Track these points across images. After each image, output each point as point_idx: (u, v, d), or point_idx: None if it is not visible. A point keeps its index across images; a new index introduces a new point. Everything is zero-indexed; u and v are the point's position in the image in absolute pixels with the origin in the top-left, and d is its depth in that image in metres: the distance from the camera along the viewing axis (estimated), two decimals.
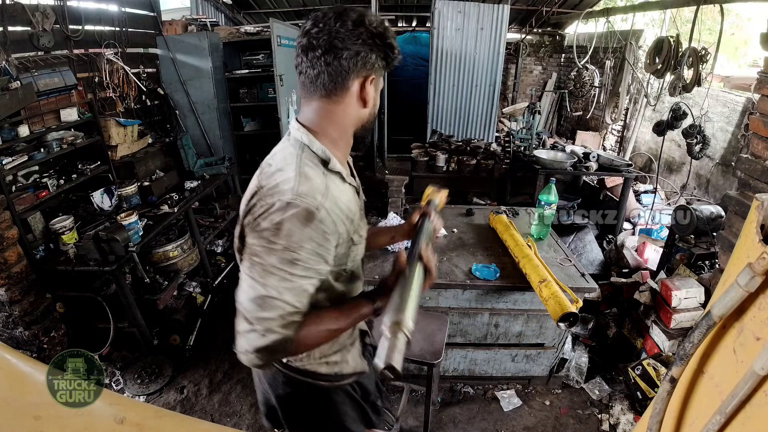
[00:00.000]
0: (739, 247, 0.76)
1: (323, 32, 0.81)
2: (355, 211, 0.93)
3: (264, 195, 0.81)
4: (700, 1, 3.36)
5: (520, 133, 4.11)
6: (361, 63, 0.84)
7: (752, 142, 1.79)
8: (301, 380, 1.02)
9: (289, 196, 0.78)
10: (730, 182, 4.01)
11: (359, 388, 1.13)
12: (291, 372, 1.02)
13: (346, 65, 0.82)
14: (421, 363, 1.66)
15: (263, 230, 0.79)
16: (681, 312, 2.11)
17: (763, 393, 0.63)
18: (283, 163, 0.85)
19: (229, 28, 4.62)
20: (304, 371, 1.01)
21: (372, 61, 0.85)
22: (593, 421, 2.16)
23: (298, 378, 1.02)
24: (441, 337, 1.74)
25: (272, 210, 0.78)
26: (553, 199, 2.24)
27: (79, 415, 0.76)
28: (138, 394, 2.28)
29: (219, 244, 3.62)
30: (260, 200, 0.82)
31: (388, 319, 0.76)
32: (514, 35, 6.92)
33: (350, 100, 0.88)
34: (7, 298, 2.05)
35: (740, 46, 6.49)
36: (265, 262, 0.79)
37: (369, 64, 0.85)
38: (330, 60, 0.82)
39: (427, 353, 1.67)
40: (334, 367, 1.03)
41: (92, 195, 2.69)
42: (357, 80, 0.85)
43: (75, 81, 2.74)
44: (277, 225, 0.78)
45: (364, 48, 0.83)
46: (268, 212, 0.79)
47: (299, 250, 0.78)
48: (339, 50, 0.81)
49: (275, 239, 0.78)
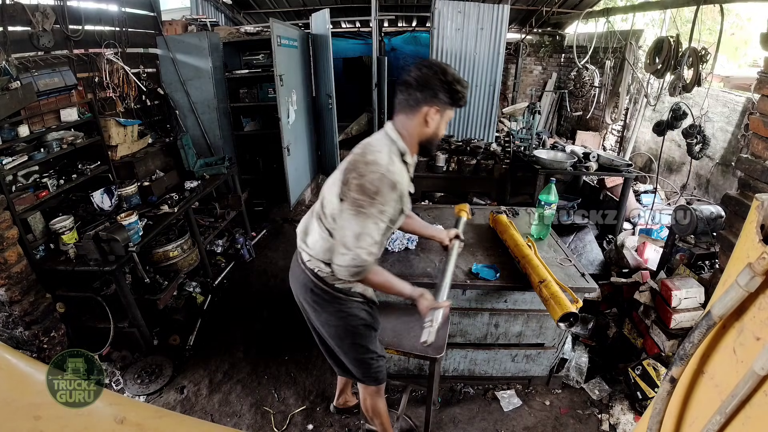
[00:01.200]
0: (739, 247, 0.76)
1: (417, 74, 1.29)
2: (408, 191, 1.40)
3: (368, 161, 1.26)
4: (700, 1, 3.36)
5: (520, 133, 4.11)
6: (431, 98, 1.29)
7: (752, 142, 1.79)
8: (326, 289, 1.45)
9: (384, 170, 1.24)
10: (730, 182, 4.01)
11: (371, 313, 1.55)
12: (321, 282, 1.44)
13: (421, 97, 1.29)
14: (424, 357, 1.67)
15: (367, 189, 1.22)
16: (681, 312, 2.11)
17: (763, 393, 0.63)
18: (380, 147, 1.32)
19: (229, 28, 4.63)
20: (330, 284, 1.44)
21: (439, 98, 1.29)
22: (593, 421, 2.16)
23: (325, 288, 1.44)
24: (443, 332, 1.74)
25: (374, 178, 1.23)
26: (553, 199, 2.24)
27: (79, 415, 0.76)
28: (138, 394, 2.28)
29: (219, 244, 3.62)
30: (365, 165, 1.25)
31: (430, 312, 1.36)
32: (514, 35, 6.92)
33: (419, 119, 1.32)
34: (7, 298, 2.05)
35: (740, 46, 6.48)
36: (367, 212, 1.23)
37: (436, 99, 1.29)
38: (413, 92, 1.30)
39: (430, 348, 1.67)
40: (347, 284, 1.45)
41: (92, 195, 2.69)
42: (425, 107, 1.30)
43: (75, 81, 2.74)
44: (376, 188, 1.23)
45: (435, 89, 1.28)
46: (370, 179, 1.23)
47: (386, 205, 1.25)
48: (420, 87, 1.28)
49: (375, 197, 1.23)
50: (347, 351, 1.55)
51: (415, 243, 2.23)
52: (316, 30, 4.84)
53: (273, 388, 2.35)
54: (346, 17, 6.68)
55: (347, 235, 1.25)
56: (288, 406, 2.23)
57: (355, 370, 1.59)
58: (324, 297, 1.46)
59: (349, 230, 1.24)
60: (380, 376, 1.63)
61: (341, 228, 1.27)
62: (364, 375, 1.60)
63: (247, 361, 2.54)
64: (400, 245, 2.19)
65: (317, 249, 1.42)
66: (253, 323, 2.88)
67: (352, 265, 1.25)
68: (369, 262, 1.27)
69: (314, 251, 1.43)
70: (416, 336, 1.66)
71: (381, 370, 1.62)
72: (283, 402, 2.26)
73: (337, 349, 1.57)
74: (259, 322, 2.89)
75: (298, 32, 4.61)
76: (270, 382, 2.38)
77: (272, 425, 2.12)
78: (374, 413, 1.76)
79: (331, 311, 1.47)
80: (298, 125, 4.53)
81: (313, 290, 1.46)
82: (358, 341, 1.52)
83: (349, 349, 1.54)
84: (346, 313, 1.48)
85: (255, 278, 3.45)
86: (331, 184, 1.37)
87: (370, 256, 1.26)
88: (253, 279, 3.44)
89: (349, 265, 1.26)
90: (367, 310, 1.54)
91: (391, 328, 1.79)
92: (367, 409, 1.76)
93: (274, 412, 2.19)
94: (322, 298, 1.46)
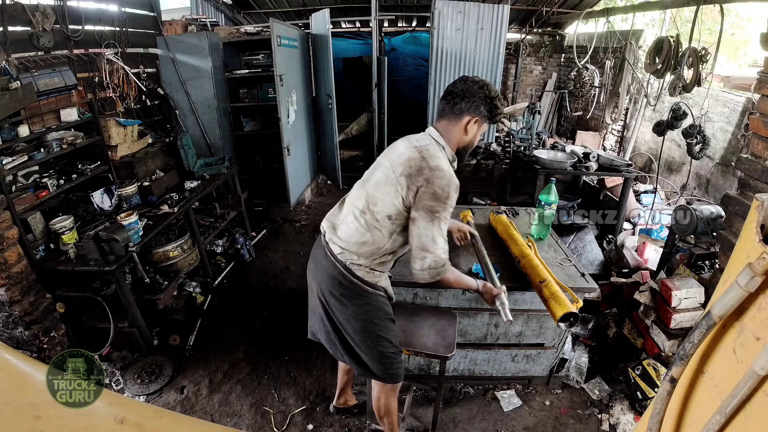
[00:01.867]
0: (739, 247, 0.76)
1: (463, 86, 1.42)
2: None
3: (432, 167, 1.35)
4: (700, 1, 3.36)
5: (520, 133, 4.11)
6: (473, 109, 1.42)
7: (752, 142, 1.79)
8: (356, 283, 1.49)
9: (449, 176, 1.37)
10: (730, 182, 4.01)
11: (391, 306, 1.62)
12: (351, 275, 1.48)
13: (464, 107, 1.42)
14: (435, 356, 1.67)
15: (439, 196, 1.34)
16: (681, 312, 2.11)
17: (763, 393, 0.63)
18: (436, 152, 1.41)
19: (229, 28, 4.63)
20: (360, 278, 1.49)
21: (480, 110, 1.43)
22: (593, 421, 2.16)
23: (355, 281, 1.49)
24: (452, 332, 1.76)
25: (443, 184, 1.34)
26: (553, 199, 2.24)
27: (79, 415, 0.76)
28: (138, 394, 2.28)
29: (219, 244, 3.62)
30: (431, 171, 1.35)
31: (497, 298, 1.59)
32: (514, 35, 6.92)
33: (460, 127, 1.45)
34: (7, 298, 2.05)
35: (740, 46, 6.48)
36: (441, 216, 1.36)
37: (477, 111, 1.43)
38: (458, 101, 1.42)
39: (440, 347, 1.68)
40: (375, 278, 1.52)
41: (92, 195, 2.69)
42: (467, 117, 1.43)
43: (75, 81, 2.74)
44: (447, 193, 1.35)
45: (477, 101, 1.41)
46: (441, 185, 1.34)
47: (453, 207, 1.40)
48: (464, 98, 1.41)
49: (447, 201, 1.35)
50: (372, 345, 1.55)
51: None
52: (316, 30, 4.84)
53: (273, 388, 2.35)
54: (346, 17, 6.68)
55: (426, 240, 1.36)
56: (288, 406, 2.23)
57: (377, 366, 1.58)
58: (354, 290, 1.49)
59: (427, 236, 1.36)
60: (400, 372, 1.64)
61: (418, 236, 1.37)
62: (386, 371, 1.59)
63: (247, 361, 2.54)
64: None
65: (352, 242, 1.46)
66: (253, 323, 2.88)
67: (434, 266, 1.38)
68: (446, 260, 1.41)
69: (348, 243, 1.47)
70: (425, 335, 1.73)
71: (401, 367, 1.64)
72: (283, 402, 2.26)
73: (363, 344, 1.56)
74: (259, 322, 2.89)
75: (298, 32, 4.61)
76: (270, 382, 2.38)
77: (272, 425, 2.12)
78: (386, 412, 1.76)
79: (359, 304, 1.51)
80: (298, 125, 4.53)
81: (342, 283, 1.49)
82: (383, 334, 1.55)
83: (375, 343, 1.55)
84: (374, 306, 1.53)
85: (255, 278, 3.45)
86: (382, 182, 1.43)
87: (446, 254, 1.40)
88: (253, 279, 3.44)
89: (431, 267, 1.38)
90: (389, 305, 1.61)
91: (401, 327, 1.79)
92: (380, 407, 1.75)
93: (274, 412, 2.19)
94: (352, 291, 1.49)
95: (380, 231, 1.44)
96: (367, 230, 1.44)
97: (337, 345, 1.63)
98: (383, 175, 1.44)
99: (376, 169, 1.50)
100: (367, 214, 1.44)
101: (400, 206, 1.39)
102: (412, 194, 1.36)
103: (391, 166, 1.43)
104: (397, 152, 1.46)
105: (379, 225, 1.43)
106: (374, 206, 1.43)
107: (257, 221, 4.38)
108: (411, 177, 1.36)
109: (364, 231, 1.45)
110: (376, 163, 1.55)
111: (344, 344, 1.62)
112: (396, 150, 1.48)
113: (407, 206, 1.39)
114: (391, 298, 1.62)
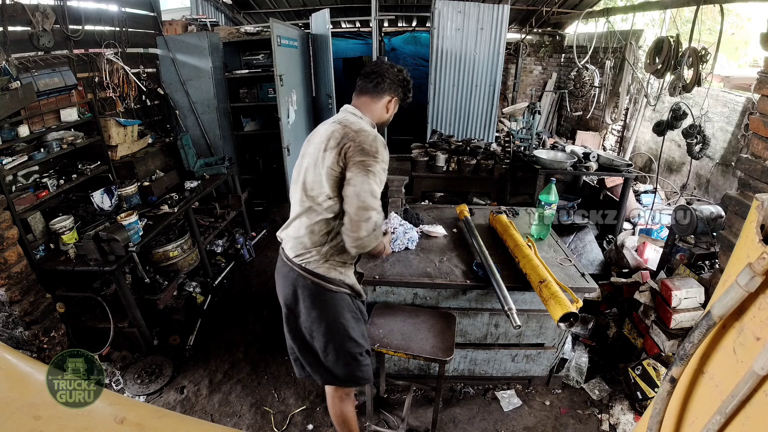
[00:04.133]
0: (739, 247, 0.76)
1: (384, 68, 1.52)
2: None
3: (357, 131, 1.39)
4: (700, 1, 3.36)
5: (520, 133, 4.11)
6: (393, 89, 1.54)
7: (752, 142, 1.79)
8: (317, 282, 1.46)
9: (374, 134, 1.41)
10: (730, 182, 4.01)
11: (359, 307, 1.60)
12: (312, 276, 1.46)
13: (386, 87, 1.52)
14: (433, 360, 1.67)
15: (369, 151, 1.35)
16: (681, 312, 2.11)
17: (763, 393, 0.63)
18: (357, 121, 1.46)
19: (229, 28, 4.63)
20: (321, 276, 1.46)
21: (398, 92, 1.55)
22: (593, 421, 2.16)
23: (316, 281, 1.46)
24: (450, 334, 1.76)
25: (369, 140, 1.37)
26: (553, 199, 2.24)
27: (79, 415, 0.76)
28: (138, 394, 2.28)
29: (219, 244, 3.62)
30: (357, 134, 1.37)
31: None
32: (514, 35, 6.92)
33: (381, 104, 1.54)
34: (7, 298, 2.05)
35: (740, 46, 6.48)
36: (374, 170, 1.35)
37: (396, 92, 1.55)
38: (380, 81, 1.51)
39: (439, 350, 1.68)
40: (340, 275, 1.49)
41: (92, 195, 2.69)
42: (387, 96, 1.54)
43: (75, 81, 2.74)
44: (376, 149, 1.37)
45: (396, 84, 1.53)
46: (368, 142, 1.36)
47: (385, 164, 1.40)
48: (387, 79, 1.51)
49: (377, 155, 1.36)
50: (339, 347, 1.50)
51: (414, 243, 2.23)
52: (316, 30, 4.84)
53: (273, 388, 2.34)
54: (346, 17, 6.68)
55: (366, 196, 1.32)
56: (288, 406, 2.23)
57: (342, 369, 1.53)
58: (315, 290, 1.46)
59: (365, 191, 1.32)
60: (367, 375, 1.58)
61: (356, 194, 1.32)
62: (350, 374, 1.54)
63: (247, 361, 2.54)
64: (400, 245, 2.19)
65: (301, 235, 1.46)
66: (253, 323, 2.88)
67: (378, 225, 1.35)
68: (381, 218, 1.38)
69: (298, 240, 1.47)
70: (424, 338, 1.72)
71: (368, 369, 1.58)
72: (283, 402, 2.26)
73: (329, 346, 1.50)
74: (259, 322, 2.89)
75: (298, 32, 4.61)
76: (270, 382, 2.38)
77: (272, 425, 2.12)
78: (344, 420, 1.70)
79: (323, 305, 1.48)
80: (298, 125, 4.53)
81: (304, 285, 1.47)
82: (350, 333, 1.51)
83: (342, 343, 1.50)
84: (338, 305, 1.49)
85: (255, 278, 3.45)
86: (312, 167, 1.42)
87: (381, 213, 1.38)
88: (253, 279, 3.44)
89: (377, 227, 1.35)
90: (357, 303, 1.58)
91: (398, 330, 1.79)
92: (337, 414, 1.69)
93: (274, 412, 2.19)
94: (313, 291, 1.46)
95: (324, 214, 1.41)
96: (313, 217, 1.42)
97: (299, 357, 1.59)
98: (311, 160, 1.43)
99: (304, 159, 1.48)
100: (307, 202, 1.44)
101: (335, 178, 1.37)
102: (341, 159, 1.35)
103: (316, 149, 1.42)
104: (318, 135, 1.46)
105: (321, 208, 1.41)
106: (312, 192, 1.42)
107: (257, 221, 4.38)
108: (337, 144, 1.36)
109: (308, 221, 1.43)
110: (300, 156, 1.53)
111: (306, 353, 1.56)
112: (317, 134, 1.48)
113: (341, 175, 1.37)
114: (359, 294, 1.58)
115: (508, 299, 1.73)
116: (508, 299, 1.73)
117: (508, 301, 1.72)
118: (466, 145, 4.66)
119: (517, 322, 1.64)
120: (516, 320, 1.65)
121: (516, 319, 1.65)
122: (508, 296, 1.75)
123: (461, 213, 2.52)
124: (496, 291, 1.81)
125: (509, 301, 1.72)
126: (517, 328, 1.65)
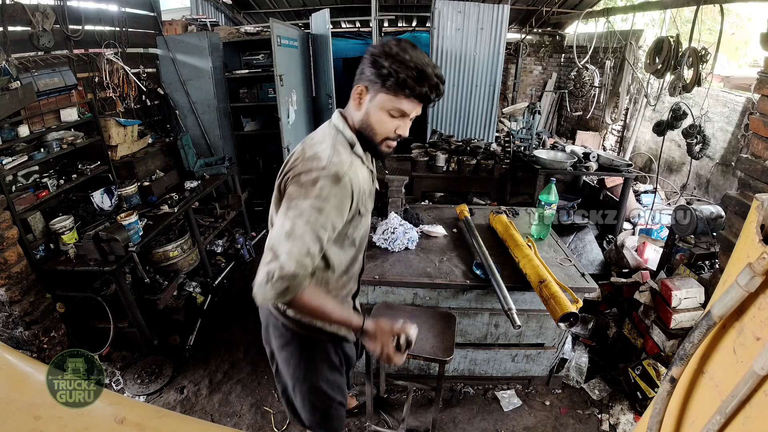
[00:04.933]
0: (739, 247, 0.76)
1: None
2: (366, 189, 1.16)
3: (306, 158, 1.05)
4: (700, 1, 3.36)
5: (520, 133, 4.11)
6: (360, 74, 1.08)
7: (752, 142, 1.79)
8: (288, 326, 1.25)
9: (324, 162, 1.02)
10: (730, 182, 4.01)
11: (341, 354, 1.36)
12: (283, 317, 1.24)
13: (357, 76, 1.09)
14: (433, 360, 1.67)
15: (303, 183, 1.01)
16: (681, 312, 2.11)
17: (763, 393, 0.63)
18: (323, 138, 1.10)
19: (229, 28, 4.62)
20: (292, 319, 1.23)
21: (365, 75, 1.06)
22: (593, 421, 2.16)
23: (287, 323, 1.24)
24: (450, 334, 1.75)
25: (312, 169, 1.02)
26: (553, 199, 2.24)
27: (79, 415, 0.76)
28: (138, 394, 2.28)
29: (219, 244, 3.62)
30: (303, 162, 1.05)
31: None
32: (514, 35, 6.92)
33: (354, 101, 1.11)
34: (7, 298, 2.05)
35: (740, 46, 6.48)
36: (299, 207, 0.98)
37: (363, 76, 1.07)
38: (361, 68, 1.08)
39: (439, 350, 1.68)
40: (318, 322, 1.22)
41: (92, 195, 2.69)
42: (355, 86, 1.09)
43: (75, 81, 2.74)
44: (314, 180, 1.00)
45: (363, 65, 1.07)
46: (309, 170, 1.02)
47: (325, 203, 0.99)
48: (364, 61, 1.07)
49: (310, 190, 0.99)
50: (305, 395, 1.33)
51: (414, 243, 2.23)
52: (316, 30, 4.84)
53: (273, 388, 2.34)
54: (346, 17, 6.68)
55: (277, 240, 0.97)
56: None
57: (308, 417, 1.38)
58: (285, 332, 1.27)
59: (279, 234, 0.97)
60: (337, 426, 1.43)
61: (271, 235, 1.01)
62: (318, 423, 1.39)
63: (247, 361, 2.54)
64: (400, 245, 2.19)
65: None
66: (254, 323, 2.88)
67: (278, 277, 0.92)
68: (299, 276, 0.94)
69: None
70: (424, 338, 1.71)
71: (340, 421, 1.43)
72: None
73: (295, 389, 1.35)
74: (259, 322, 2.89)
75: (298, 32, 4.61)
76: (270, 382, 2.38)
77: (272, 425, 2.12)
78: None
79: (291, 349, 1.29)
80: (299, 125, 4.53)
81: (275, 325, 1.28)
82: (317, 384, 1.32)
83: (307, 392, 1.33)
84: (311, 354, 1.29)
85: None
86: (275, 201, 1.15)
87: (300, 268, 0.94)
88: (253, 279, 3.44)
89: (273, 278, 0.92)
90: (336, 350, 1.34)
91: None
92: None
93: (274, 412, 2.19)
94: (283, 334, 1.28)
95: None
96: None
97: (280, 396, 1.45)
98: (276, 192, 1.14)
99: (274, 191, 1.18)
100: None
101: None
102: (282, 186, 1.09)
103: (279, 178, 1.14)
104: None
105: None
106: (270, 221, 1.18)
107: (257, 221, 4.38)
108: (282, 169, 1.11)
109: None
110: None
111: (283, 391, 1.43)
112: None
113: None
114: (344, 339, 1.33)
115: (508, 299, 1.73)
116: (508, 299, 1.73)
117: (508, 301, 1.73)
118: (466, 145, 4.66)
119: (517, 322, 1.65)
120: (516, 320, 1.65)
121: (516, 319, 1.65)
122: (508, 296, 1.75)
123: (461, 213, 2.52)
124: (496, 291, 1.81)
125: (509, 301, 1.73)
126: (518, 328, 1.65)
